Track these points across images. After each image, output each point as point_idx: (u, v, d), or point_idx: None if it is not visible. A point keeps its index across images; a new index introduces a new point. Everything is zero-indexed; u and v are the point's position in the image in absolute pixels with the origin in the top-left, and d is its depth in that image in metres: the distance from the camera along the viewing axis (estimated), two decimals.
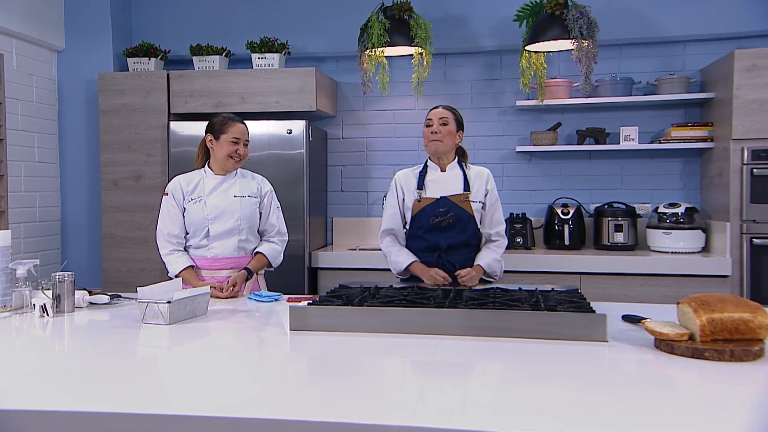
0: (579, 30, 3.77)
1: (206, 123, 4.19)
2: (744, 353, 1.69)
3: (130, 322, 2.26)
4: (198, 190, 2.90)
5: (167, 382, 1.66)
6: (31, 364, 1.82)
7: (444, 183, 2.97)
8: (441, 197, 2.93)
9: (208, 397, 1.47)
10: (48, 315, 2.31)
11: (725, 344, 1.74)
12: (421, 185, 2.98)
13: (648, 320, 1.90)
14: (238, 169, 2.98)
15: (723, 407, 1.41)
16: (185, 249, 2.92)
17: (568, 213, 4.22)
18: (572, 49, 3.86)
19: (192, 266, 2.85)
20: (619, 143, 4.24)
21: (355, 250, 4.43)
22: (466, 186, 2.97)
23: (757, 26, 4.11)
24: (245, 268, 2.87)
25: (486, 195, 3.00)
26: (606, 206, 4.24)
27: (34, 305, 2.32)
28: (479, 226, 2.99)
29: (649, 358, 1.76)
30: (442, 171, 3.00)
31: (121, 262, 4.38)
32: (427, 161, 3.06)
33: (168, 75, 4.34)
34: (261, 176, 3.07)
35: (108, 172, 4.39)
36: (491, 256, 2.97)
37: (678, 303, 1.88)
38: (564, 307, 2.09)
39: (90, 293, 2.55)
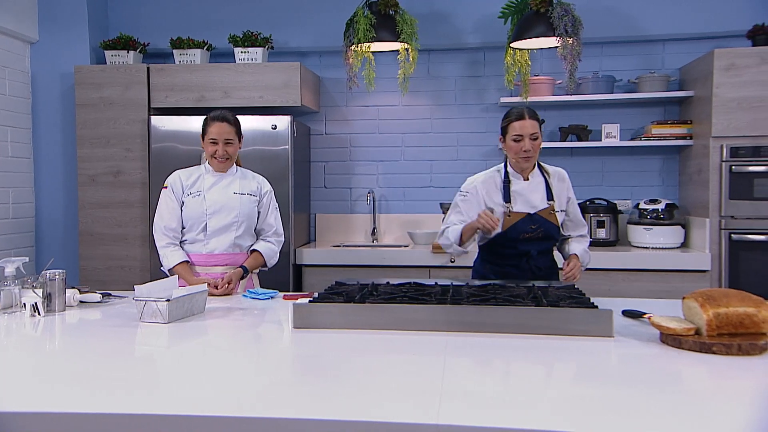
0: (564, 27, 3.79)
1: (186, 117, 4.18)
2: (751, 347, 1.72)
3: (126, 321, 2.21)
4: (198, 185, 2.87)
5: (174, 382, 1.61)
6: (28, 365, 1.76)
7: (529, 194, 2.85)
8: (533, 214, 2.82)
9: (219, 397, 1.45)
10: (39, 314, 2.24)
11: (731, 338, 1.77)
12: (507, 198, 2.84)
13: (652, 315, 1.92)
14: (240, 169, 2.97)
15: (735, 400, 1.43)
16: (180, 243, 2.89)
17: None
18: (556, 47, 3.89)
19: (186, 261, 2.82)
20: (600, 140, 4.29)
21: (339, 246, 4.40)
22: (549, 195, 2.86)
23: (734, 26, 4.19)
24: (241, 266, 2.83)
25: (567, 202, 2.93)
26: (588, 202, 4.29)
27: (25, 304, 2.24)
28: (562, 231, 2.95)
29: (658, 352, 1.78)
30: (525, 180, 2.86)
31: (99, 260, 4.28)
32: (506, 168, 2.89)
33: (148, 68, 4.24)
34: (262, 177, 3.05)
35: (85, 168, 4.28)
36: (581, 247, 2.93)
37: (683, 298, 1.91)
38: (566, 302, 2.10)
39: (80, 291, 2.48)
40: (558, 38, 3.81)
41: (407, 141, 4.62)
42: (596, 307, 2.02)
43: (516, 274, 2.86)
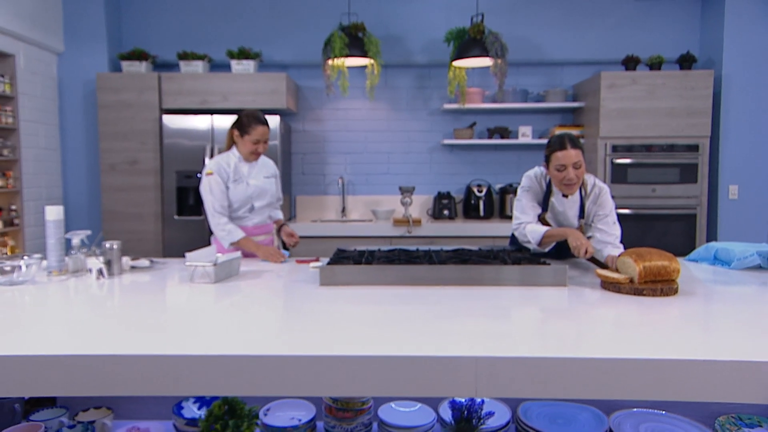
0: (495, 51, 3.85)
1: (191, 117, 3.97)
2: (669, 290, 1.83)
3: (178, 282, 2.11)
4: (238, 173, 2.70)
5: (230, 328, 1.55)
6: (112, 316, 1.64)
7: (567, 210, 2.46)
8: None
9: (271, 339, 1.40)
10: (104, 276, 2.10)
11: (654, 284, 1.87)
12: (545, 207, 2.47)
13: (596, 269, 2.00)
14: None
15: (662, 327, 1.51)
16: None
17: (481, 191, 4.35)
18: (488, 66, 3.94)
19: (245, 235, 2.68)
20: (518, 138, 4.40)
21: (316, 221, 4.34)
22: (582, 213, 2.45)
23: (613, 55, 4.38)
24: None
25: (593, 216, 2.44)
26: (509, 186, 4.41)
27: (91, 269, 2.10)
28: (597, 234, 2.40)
29: (603, 297, 1.85)
30: (563, 196, 2.44)
31: (120, 234, 4.05)
32: (550, 181, 2.44)
33: (159, 76, 4.01)
34: (269, 159, 2.93)
35: (107, 158, 4.02)
36: (618, 252, 2.29)
37: (619, 255, 2.00)
38: (526, 261, 2.16)
39: (131, 259, 2.35)
40: (490, 59, 3.86)
41: (369, 137, 4.58)
42: (548, 264, 2.08)
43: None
